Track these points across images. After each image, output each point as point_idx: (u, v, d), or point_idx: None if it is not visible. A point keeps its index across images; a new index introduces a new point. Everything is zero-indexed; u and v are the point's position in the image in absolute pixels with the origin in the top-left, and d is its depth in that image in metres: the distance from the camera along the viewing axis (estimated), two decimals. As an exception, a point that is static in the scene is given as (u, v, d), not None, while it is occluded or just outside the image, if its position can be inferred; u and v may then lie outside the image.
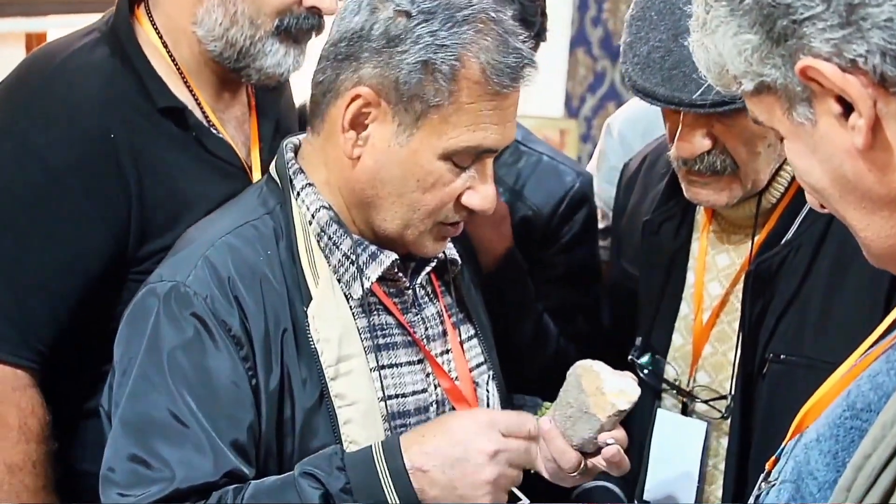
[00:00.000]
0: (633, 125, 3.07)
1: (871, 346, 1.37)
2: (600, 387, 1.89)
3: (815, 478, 1.28)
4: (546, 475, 1.94)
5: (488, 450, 1.80)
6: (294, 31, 2.12)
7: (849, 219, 1.29)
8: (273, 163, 2.03)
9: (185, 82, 2.17)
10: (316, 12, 2.11)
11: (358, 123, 1.86)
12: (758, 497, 1.42)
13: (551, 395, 2.01)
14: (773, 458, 1.44)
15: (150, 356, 1.83)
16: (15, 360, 2.07)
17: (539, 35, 2.47)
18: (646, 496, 2.26)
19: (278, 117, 2.34)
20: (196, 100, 2.17)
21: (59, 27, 4.15)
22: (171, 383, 1.81)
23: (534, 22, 2.45)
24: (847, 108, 1.19)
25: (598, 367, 1.93)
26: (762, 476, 1.44)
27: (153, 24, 2.16)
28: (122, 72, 2.10)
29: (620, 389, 1.90)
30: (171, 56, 2.16)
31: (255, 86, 2.25)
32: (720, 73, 1.32)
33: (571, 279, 2.59)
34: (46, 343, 2.08)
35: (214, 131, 2.18)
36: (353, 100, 1.84)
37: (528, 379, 2.34)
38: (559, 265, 2.59)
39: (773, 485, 1.38)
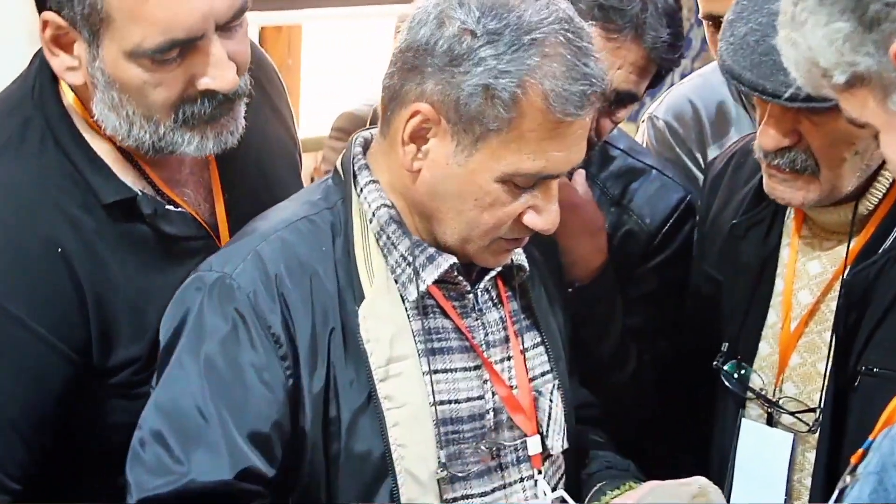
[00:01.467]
0: (680, 117, 2.99)
1: None
2: None
3: None
4: None
5: None
6: (197, 119, 1.87)
7: None
8: (340, 157, 2.00)
9: (134, 164, 1.96)
10: (212, 95, 1.86)
11: (419, 137, 1.83)
12: (842, 490, 1.41)
13: (617, 422, 2.09)
14: (861, 451, 1.41)
15: (189, 343, 1.82)
16: None
17: (678, 60, 2.41)
18: None
19: (248, 135, 2.03)
20: (149, 179, 1.97)
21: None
22: (200, 375, 1.80)
23: (678, 47, 2.39)
24: None
25: (716, 495, 1.89)
26: (848, 469, 1.41)
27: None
28: (58, 172, 1.89)
29: None
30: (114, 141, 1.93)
31: None
32: (809, 70, 1.30)
33: (659, 298, 2.54)
34: (18, 479, 1.89)
35: (171, 207, 1.98)
36: (413, 115, 1.81)
37: (600, 398, 2.31)
38: (651, 282, 2.54)
39: (858, 479, 1.37)
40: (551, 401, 2.04)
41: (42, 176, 1.88)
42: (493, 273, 1.99)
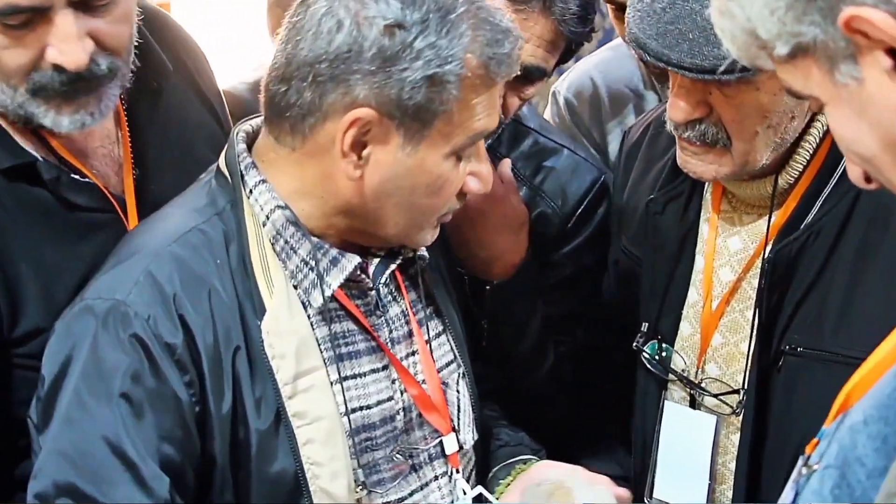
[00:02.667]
0: (579, 93, 2.99)
1: None
2: None
3: (864, 464, 1.22)
4: None
5: None
6: (52, 91, 1.85)
7: None
8: (223, 154, 1.90)
9: (35, 130, 1.94)
10: (63, 70, 1.83)
11: (357, 144, 1.77)
12: (797, 482, 1.37)
13: (539, 416, 2.08)
14: (814, 440, 1.37)
15: (87, 381, 1.72)
16: None
17: (589, 33, 2.38)
18: (655, 494, 2.21)
19: (166, 114, 2.11)
20: (48, 144, 1.95)
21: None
22: (108, 412, 1.71)
23: (589, 20, 2.36)
24: None
25: (571, 481, 1.90)
26: (802, 459, 1.37)
27: None
28: None
29: None
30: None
31: (130, 93, 2.03)
32: (747, 42, 1.25)
33: (577, 284, 2.49)
34: None
35: (77, 177, 1.96)
36: (352, 124, 1.74)
37: (518, 393, 2.28)
38: (567, 267, 2.48)
39: (815, 470, 1.32)
40: (458, 391, 2.02)
41: None
42: (393, 266, 1.94)
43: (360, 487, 1.84)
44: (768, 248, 2.06)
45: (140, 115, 2.09)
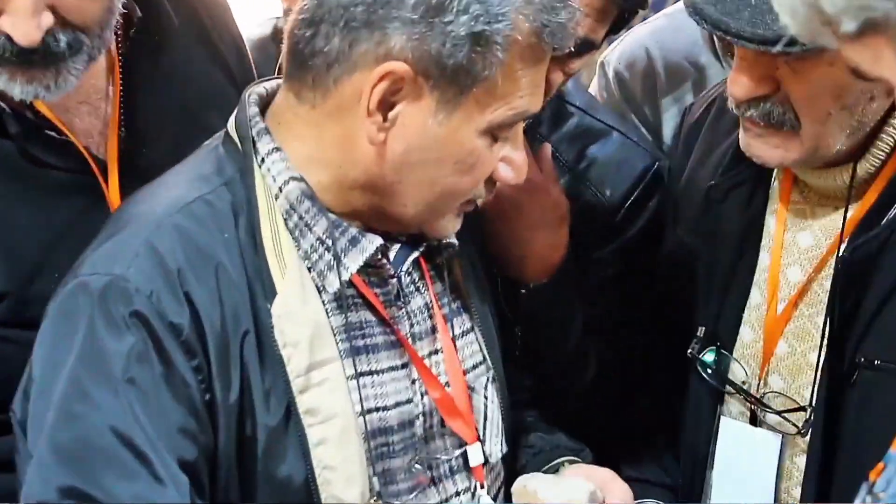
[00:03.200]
0: (631, 65, 2.89)
1: None
2: None
3: None
4: None
5: None
6: (4, 59, 1.83)
7: None
8: (232, 117, 1.86)
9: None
10: (13, 41, 1.83)
11: (385, 103, 1.71)
12: None
13: (582, 429, 2.05)
14: (880, 464, 1.37)
15: (87, 367, 1.66)
16: None
17: (642, 1, 2.29)
18: None
19: (168, 72, 2.11)
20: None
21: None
22: (114, 400, 1.65)
23: None
24: None
25: (533, 484, 1.89)
26: (865, 487, 1.38)
27: None
28: None
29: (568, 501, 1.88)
30: None
31: (129, 44, 2.05)
32: (809, 16, 1.22)
33: (622, 285, 2.40)
34: None
35: (52, 133, 1.97)
36: (382, 78, 1.68)
37: (558, 407, 2.21)
38: (613, 266, 2.40)
39: (881, 500, 1.33)
40: (486, 397, 1.97)
41: None
42: (416, 253, 1.89)
43: (375, 498, 1.80)
44: (843, 246, 2.00)
45: (136, 72, 2.07)
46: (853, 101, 1.92)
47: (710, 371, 2.15)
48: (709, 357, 2.15)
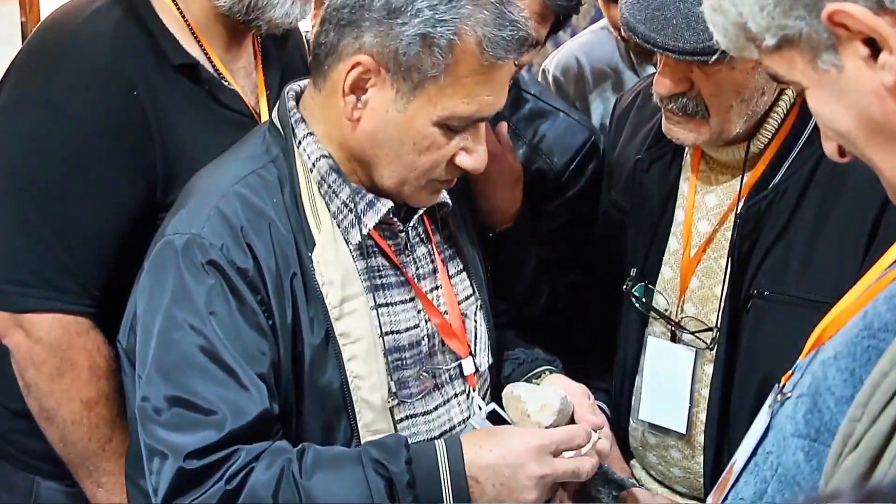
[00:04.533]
0: (566, 71, 3.22)
1: (888, 268, 1.38)
2: (524, 410, 2.00)
3: (833, 392, 1.30)
4: None
5: (536, 474, 1.90)
6: None
7: (875, 160, 1.30)
8: (275, 110, 2.07)
9: (196, 38, 2.27)
10: None
11: (358, 88, 1.91)
12: (772, 407, 1.45)
13: (539, 340, 2.26)
14: (789, 372, 1.46)
15: (178, 303, 1.88)
16: (76, 308, 2.23)
17: (576, 7, 2.57)
18: (641, 416, 2.39)
19: (284, 64, 2.44)
20: (206, 54, 2.28)
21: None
22: (203, 327, 1.86)
23: None
24: (874, 50, 1.21)
25: (518, 391, 2.02)
26: (776, 388, 1.46)
27: None
28: (137, 33, 2.21)
29: (542, 405, 1.99)
30: (181, 13, 2.26)
31: (263, 36, 2.35)
32: (737, 34, 1.32)
33: (568, 231, 2.68)
34: (99, 287, 2.21)
35: (225, 83, 2.28)
36: (353, 66, 1.89)
37: (520, 325, 2.45)
38: (561, 217, 2.68)
39: (789, 397, 1.40)
40: (476, 321, 2.18)
41: (127, 35, 2.20)
42: (420, 211, 2.09)
43: (393, 398, 1.99)
44: (741, 205, 2.22)
45: (270, 54, 2.42)
46: (749, 96, 2.13)
47: (640, 301, 2.37)
48: (639, 291, 2.37)
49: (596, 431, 2.01)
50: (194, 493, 1.83)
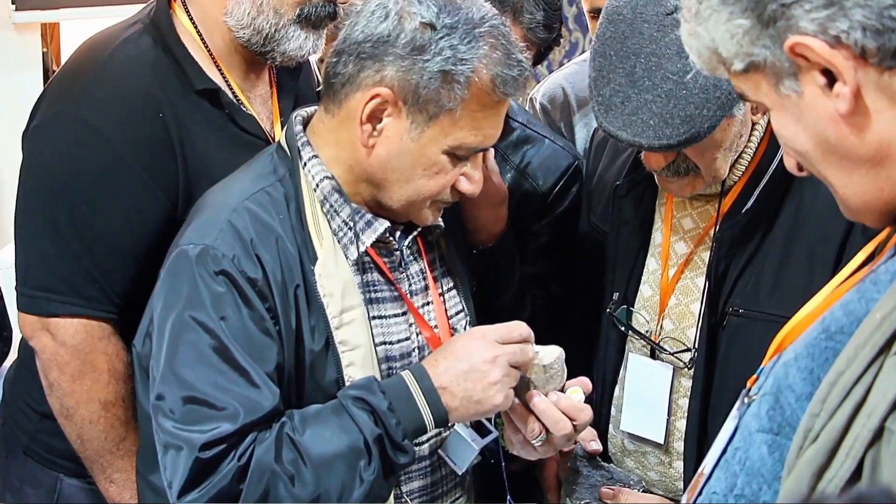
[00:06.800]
0: (552, 100, 3.32)
1: (843, 281, 1.48)
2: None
3: (793, 390, 1.39)
4: (513, 450, 2.19)
5: (488, 356, 2.02)
6: (313, 19, 2.35)
7: (829, 178, 1.38)
8: (283, 133, 2.17)
9: (218, 66, 2.41)
10: (332, 1, 2.35)
11: (374, 117, 2.01)
12: (739, 409, 1.52)
13: None
14: (754, 377, 1.53)
15: (192, 308, 1.97)
16: (99, 314, 2.35)
17: (556, 40, 2.70)
18: (622, 426, 2.46)
19: (297, 93, 2.58)
20: (227, 81, 2.42)
21: (70, 18, 4.64)
22: (214, 327, 1.95)
23: (554, 28, 2.70)
24: (830, 80, 1.30)
25: (533, 352, 2.10)
26: (743, 393, 1.54)
27: (189, 16, 2.42)
28: (165, 60, 2.36)
29: (543, 350, 2.12)
30: (204, 44, 2.41)
31: (277, 66, 2.48)
32: (710, 57, 1.41)
33: (553, 249, 2.78)
34: (121, 295, 2.34)
35: (244, 108, 2.41)
36: (372, 97, 1.99)
37: None
38: (545, 236, 2.78)
39: (755, 399, 1.48)
40: None
41: (156, 62, 2.36)
42: (415, 232, 2.19)
43: None
44: (717, 228, 2.29)
45: (285, 83, 2.57)
46: (730, 144, 2.21)
47: (622, 323, 2.41)
48: (622, 315, 2.42)
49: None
50: (212, 479, 1.92)
